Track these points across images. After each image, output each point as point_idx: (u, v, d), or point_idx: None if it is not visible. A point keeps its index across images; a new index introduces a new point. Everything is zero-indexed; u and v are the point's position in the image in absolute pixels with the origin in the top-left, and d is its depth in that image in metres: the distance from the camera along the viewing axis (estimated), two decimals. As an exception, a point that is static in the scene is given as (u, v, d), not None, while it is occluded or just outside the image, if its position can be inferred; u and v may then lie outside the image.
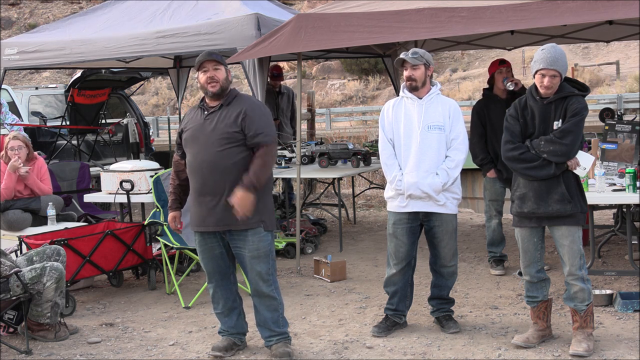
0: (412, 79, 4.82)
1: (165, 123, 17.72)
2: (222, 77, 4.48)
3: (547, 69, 4.37)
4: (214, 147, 4.42)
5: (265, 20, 6.90)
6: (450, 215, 4.91)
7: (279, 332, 4.64)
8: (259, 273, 4.51)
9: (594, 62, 25.72)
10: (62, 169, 8.00)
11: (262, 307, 4.61)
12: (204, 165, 4.44)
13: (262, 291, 4.55)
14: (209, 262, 4.64)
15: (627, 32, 7.66)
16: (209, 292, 4.76)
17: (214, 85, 4.47)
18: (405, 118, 4.87)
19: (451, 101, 4.98)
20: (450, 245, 4.95)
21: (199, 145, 4.47)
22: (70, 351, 4.95)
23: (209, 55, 4.51)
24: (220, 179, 4.41)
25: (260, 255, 4.49)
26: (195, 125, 4.54)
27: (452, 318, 5.05)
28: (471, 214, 9.32)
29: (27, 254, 5.37)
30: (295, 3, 29.89)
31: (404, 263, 4.94)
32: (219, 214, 4.44)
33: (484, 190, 6.62)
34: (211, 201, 4.45)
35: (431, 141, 4.80)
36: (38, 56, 8.10)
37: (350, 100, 27.77)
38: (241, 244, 4.50)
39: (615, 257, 6.75)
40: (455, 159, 4.84)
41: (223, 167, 4.40)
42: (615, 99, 19.50)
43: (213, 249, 4.60)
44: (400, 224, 4.90)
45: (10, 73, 15.83)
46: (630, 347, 4.53)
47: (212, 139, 4.43)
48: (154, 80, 28.98)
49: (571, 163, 4.41)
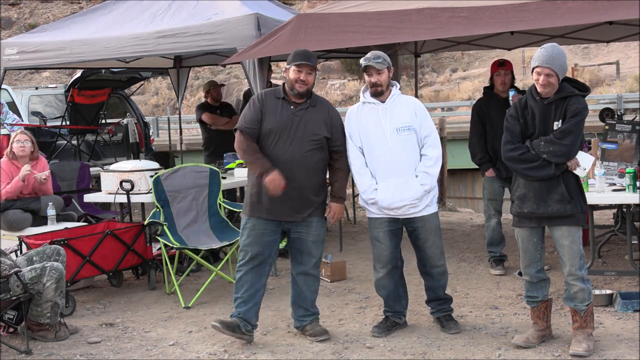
0: (378, 84, 4.77)
1: (165, 123, 17.71)
2: (311, 81, 4.76)
3: (542, 66, 4.36)
4: (303, 146, 4.70)
5: (265, 20, 6.90)
6: (432, 215, 4.87)
7: (313, 312, 4.98)
8: (315, 256, 4.87)
9: (594, 62, 25.72)
10: (62, 169, 8.00)
11: (305, 287, 4.93)
12: (293, 161, 4.68)
13: (311, 273, 4.91)
14: (255, 246, 4.80)
15: (627, 32, 7.67)
16: (237, 276, 4.86)
17: (302, 86, 4.71)
18: (373, 124, 4.81)
19: (413, 99, 4.97)
20: (437, 243, 4.91)
21: (287, 139, 4.69)
22: (70, 351, 4.95)
23: (308, 60, 4.71)
24: (303, 176, 4.71)
25: (319, 240, 4.88)
26: (283, 119, 4.73)
27: (452, 318, 5.04)
28: (471, 214, 9.33)
29: (27, 254, 5.37)
30: (295, 3, 29.88)
31: (389, 266, 4.93)
32: (294, 206, 4.74)
33: (482, 190, 6.62)
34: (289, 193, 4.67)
35: (403, 143, 4.76)
36: (38, 56, 8.10)
37: (350, 100, 27.74)
38: (304, 230, 4.81)
39: (615, 257, 6.75)
40: (432, 156, 4.80)
41: (308, 165, 4.72)
42: (615, 99, 19.48)
43: (264, 235, 4.80)
44: (382, 228, 4.88)
45: (10, 73, 15.81)
46: (630, 347, 4.54)
47: (302, 137, 4.70)
48: (154, 80, 28.97)
49: (571, 163, 4.40)
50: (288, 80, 4.73)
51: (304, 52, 4.76)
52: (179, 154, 11.33)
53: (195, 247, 6.07)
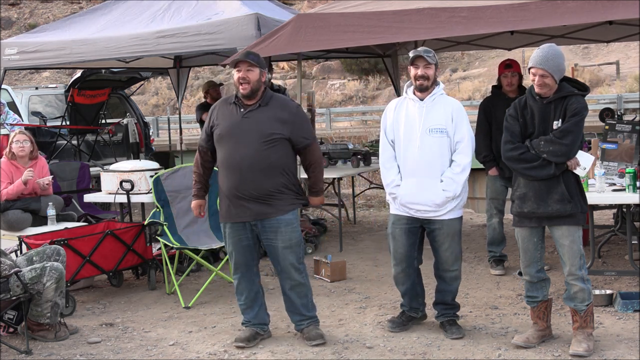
0: (426, 77, 4.68)
1: (165, 123, 17.71)
2: (254, 78, 4.63)
3: (536, 67, 4.37)
4: (255, 146, 4.61)
5: (265, 20, 6.90)
6: (453, 220, 4.80)
7: (309, 315, 4.89)
8: (291, 262, 4.74)
9: (594, 62, 25.70)
10: (62, 169, 8.00)
11: (293, 295, 4.84)
12: (244, 163, 4.61)
13: (295, 279, 4.79)
14: (237, 254, 4.81)
15: (627, 32, 7.66)
16: (234, 284, 4.92)
17: (245, 87, 4.64)
18: (406, 120, 4.76)
19: (454, 102, 4.84)
20: (452, 248, 4.83)
21: (236, 143, 4.63)
22: (70, 351, 4.95)
23: (245, 57, 4.65)
24: (259, 177, 4.62)
25: (292, 245, 4.73)
26: (231, 122, 4.67)
27: (455, 323, 4.95)
28: (471, 214, 9.32)
29: (27, 254, 5.37)
30: (295, 3, 29.86)
31: (404, 264, 4.90)
32: (255, 207, 4.65)
33: (485, 189, 6.62)
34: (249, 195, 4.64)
35: (432, 145, 4.69)
36: (38, 56, 8.10)
37: (350, 100, 27.75)
38: (273, 236, 4.71)
39: (615, 257, 6.75)
40: (461, 163, 4.72)
41: (263, 165, 4.61)
42: (615, 99, 19.48)
43: (241, 241, 4.77)
44: (399, 225, 4.85)
45: (10, 73, 15.82)
46: (630, 347, 4.53)
47: (253, 138, 4.62)
48: (154, 80, 28.96)
49: (571, 163, 4.40)
50: (234, 85, 4.71)
51: (241, 52, 4.77)
52: (179, 154, 11.33)
53: (195, 247, 6.07)
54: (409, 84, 4.85)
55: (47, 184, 6.70)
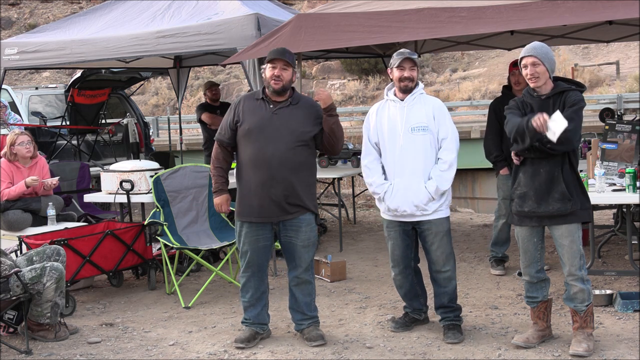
0: (411, 79, 4.73)
1: (165, 123, 17.69)
2: (287, 78, 4.68)
3: (526, 56, 4.41)
4: (286, 144, 4.62)
5: (265, 20, 6.90)
6: (441, 219, 4.81)
7: (311, 315, 4.91)
8: (305, 261, 4.80)
9: (594, 62, 25.69)
10: (62, 169, 7.99)
11: (298, 292, 4.86)
12: (274, 160, 4.61)
13: (303, 277, 4.84)
14: (252, 253, 4.80)
15: (627, 32, 7.66)
16: (241, 281, 4.90)
17: (277, 83, 4.65)
18: (389, 121, 4.78)
19: (435, 100, 4.87)
20: (442, 248, 4.81)
21: (267, 139, 4.63)
22: (70, 351, 4.95)
23: (282, 55, 4.67)
24: (289, 175, 4.64)
25: (310, 244, 4.80)
26: (261, 118, 4.68)
27: (455, 327, 4.86)
28: (471, 214, 9.33)
29: (27, 254, 5.37)
30: (295, 3, 29.86)
31: (401, 265, 4.92)
32: (282, 206, 4.67)
33: (497, 189, 6.58)
34: (277, 194, 4.64)
35: (416, 143, 4.71)
36: (38, 56, 8.10)
37: (350, 100, 27.74)
38: (293, 234, 4.75)
39: (615, 257, 6.75)
40: (447, 160, 4.74)
41: (293, 164, 4.64)
42: (615, 99, 19.46)
43: (259, 241, 4.78)
44: (392, 228, 4.88)
45: (10, 73, 15.82)
46: (630, 347, 4.54)
47: (284, 136, 4.63)
48: (154, 80, 28.97)
49: (538, 124, 4.24)
50: (265, 79, 4.72)
51: (278, 49, 4.75)
52: (179, 154, 11.33)
53: (195, 247, 6.07)
54: (390, 87, 4.88)
55: (54, 184, 6.71)
